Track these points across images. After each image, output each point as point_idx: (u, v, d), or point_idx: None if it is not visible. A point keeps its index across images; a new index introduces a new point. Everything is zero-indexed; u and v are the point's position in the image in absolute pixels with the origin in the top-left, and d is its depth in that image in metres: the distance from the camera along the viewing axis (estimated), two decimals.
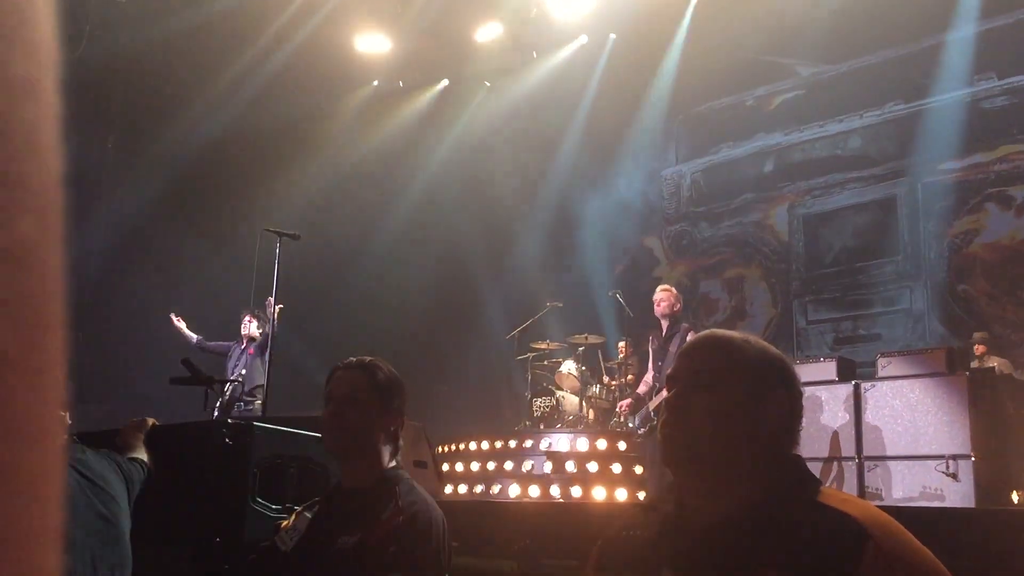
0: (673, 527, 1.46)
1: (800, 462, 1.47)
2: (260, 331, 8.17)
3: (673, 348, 6.94)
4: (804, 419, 1.52)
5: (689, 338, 6.82)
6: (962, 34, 10.49)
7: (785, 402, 1.47)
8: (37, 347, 0.28)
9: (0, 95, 0.27)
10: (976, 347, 8.49)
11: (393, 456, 2.31)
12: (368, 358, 2.38)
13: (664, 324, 7.16)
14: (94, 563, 2.45)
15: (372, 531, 2.11)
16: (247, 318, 8.31)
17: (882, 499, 6.23)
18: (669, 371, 1.56)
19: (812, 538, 1.31)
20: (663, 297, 7.16)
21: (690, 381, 1.48)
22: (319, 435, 2.36)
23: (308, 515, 2.28)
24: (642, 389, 7.45)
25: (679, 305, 7.21)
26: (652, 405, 6.96)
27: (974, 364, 8.13)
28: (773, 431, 1.46)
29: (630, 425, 7.61)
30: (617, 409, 7.90)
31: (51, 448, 0.28)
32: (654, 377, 7.20)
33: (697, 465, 1.44)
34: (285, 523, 2.31)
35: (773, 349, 1.53)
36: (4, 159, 0.27)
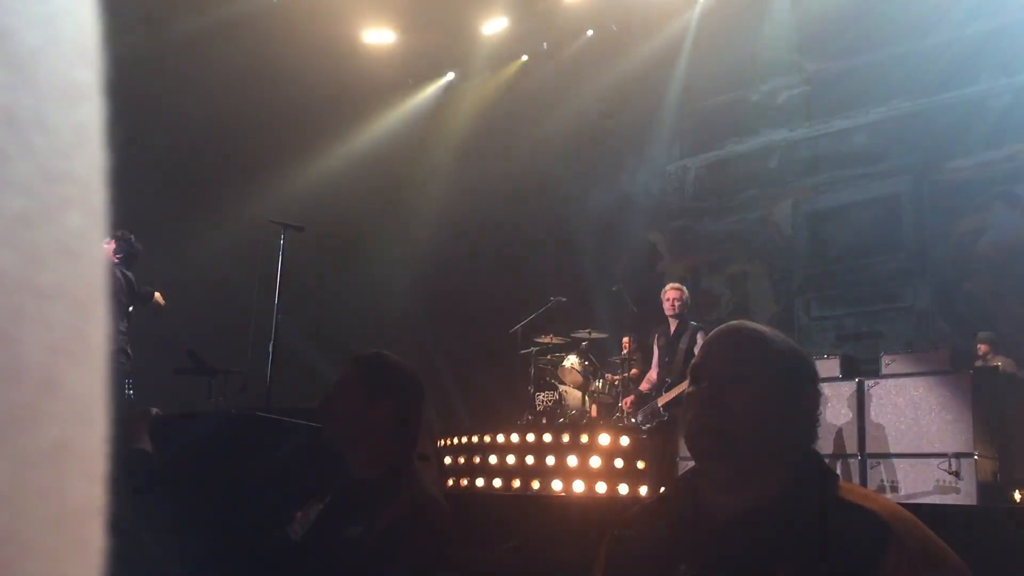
0: (690, 520, 1.46)
1: (820, 458, 1.47)
2: (119, 256, 6.91)
3: (683, 346, 6.93)
4: None
5: (700, 337, 6.75)
6: (970, 31, 10.45)
7: (813, 397, 1.48)
8: (87, 335, 0.29)
9: (53, 97, 0.28)
10: (980, 346, 8.48)
11: (404, 448, 2.31)
12: (372, 351, 2.39)
13: (673, 322, 7.16)
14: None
15: (375, 523, 2.12)
16: (106, 242, 6.97)
17: (893, 493, 6.23)
18: (695, 361, 1.54)
19: (836, 534, 1.31)
20: (675, 296, 7.14)
21: (725, 372, 1.46)
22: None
23: (320, 505, 2.29)
24: (644, 387, 7.45)
25: (688, 303, 7.23)
26: (662, 401, 6.95)
27: (978, 363, 8.11)
28: (801, 426, 1.46)
29: (632, 421, 7.63)
30: (620, 404, 7.90)
31: (98, 430, 0.30)
32: (659, 374, 7.19)
33: (734, 457, 1.43)
34: (300, 513, 2.32)
35: (796, 344, 1.54)
36: (55, 156, 0.28)
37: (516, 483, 7.64)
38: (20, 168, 0.27)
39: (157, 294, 7.51)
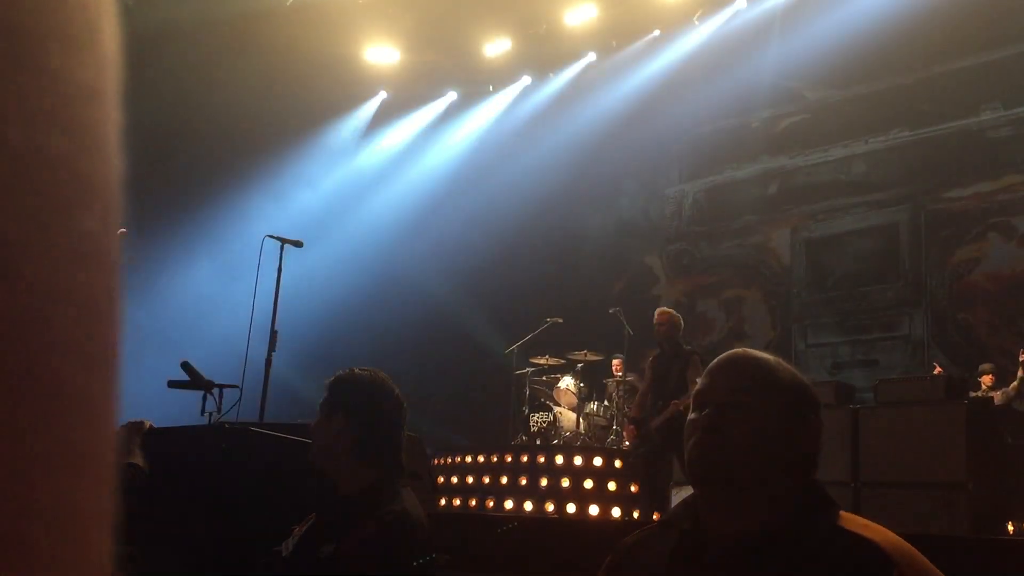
0: (690, 545, 1.45)
1: (821, 486, 1.47)
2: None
3: (674, 369, 6.93)
4: None
5: (693, 361, 6.69)
6: (969, 63, 10.52)
7: (815, 427, 1.48)
8: (98, 336, 0.29)
9: (70, 99, 0.28)
10: (983, 377, 8.46)
11: (379, 464, 2.29)
12: (341, 371, 2.39)
13: (665, 346, 7.16)
14: None
15: (346, 540, 2.12)
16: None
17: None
18: (698, 388, 1.54)
19: (836, 564, 1.31)
20: (662, 320, 7.16)
21: (727, 400, 1.46)
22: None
23: (311, 522, 2.29)
24: (635, 412, 7.44)
25: (678, 327, 7.22)
26: (655, 424, 6.93)
27: (978, 393, 8.10)
28: (802, 455, 1.46)
29: (626, 444, 7.60)
30: (625, 436, 7.87)
31: (107, 432, 0.30)
32: (651, 398, 7.18)
33: (732, 485, 1.43)
34: (296, 528, 2.32)
35: (799, 373, 1.54)
36: (71, 157, 0.28)
37: (509, 504, 7.60)
38: (34, 168, 0.27)
39: None
